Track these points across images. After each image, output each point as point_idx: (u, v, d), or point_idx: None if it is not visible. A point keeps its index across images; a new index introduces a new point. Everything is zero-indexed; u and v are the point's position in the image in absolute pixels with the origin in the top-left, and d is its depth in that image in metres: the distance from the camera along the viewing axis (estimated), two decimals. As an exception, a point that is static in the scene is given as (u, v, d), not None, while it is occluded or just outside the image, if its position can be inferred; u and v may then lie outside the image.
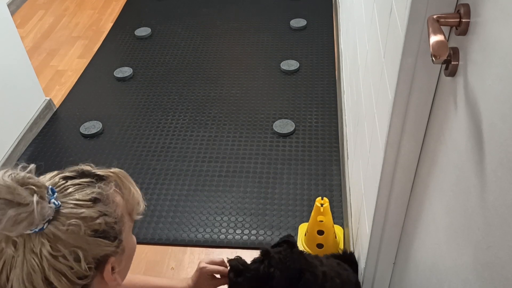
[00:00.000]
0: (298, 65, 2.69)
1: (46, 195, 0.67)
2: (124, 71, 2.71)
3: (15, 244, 0.66)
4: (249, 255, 1.78)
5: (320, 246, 1.73)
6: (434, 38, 0.80)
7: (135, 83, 2.66)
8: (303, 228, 1.84)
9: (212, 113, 2.45)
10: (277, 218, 1.90)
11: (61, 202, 0.69)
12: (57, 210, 0.67)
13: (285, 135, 2.28)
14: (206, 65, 2.76)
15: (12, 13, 3.26)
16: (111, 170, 0.79)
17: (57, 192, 0.70)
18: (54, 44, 2.99)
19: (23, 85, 2.27)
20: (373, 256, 1.32)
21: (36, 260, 0.65)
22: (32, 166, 0.69)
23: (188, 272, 1.74)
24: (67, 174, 0.74)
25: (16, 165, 0.69)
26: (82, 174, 0.74)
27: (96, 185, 0.73)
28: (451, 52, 0.87)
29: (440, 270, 0.91)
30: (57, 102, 2.55)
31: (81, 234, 0.67)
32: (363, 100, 1.59)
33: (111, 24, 3.14)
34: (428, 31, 0.82)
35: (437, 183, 0.96)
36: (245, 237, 1.84)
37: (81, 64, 2.81)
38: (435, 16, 0.84)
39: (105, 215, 0.71)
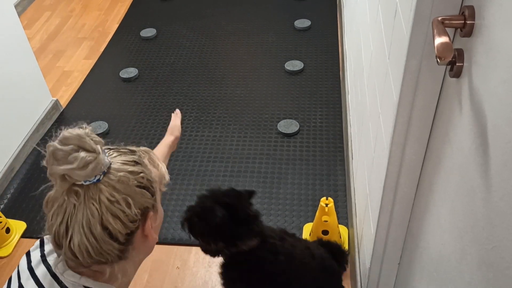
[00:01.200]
0: (303, 65, 2.69)
1: (102, 150, 0.78)
2: (130, 72, 2.72)
3: (77, 193, 0.77)
4: (254, 255, 1.78)
5: (325, 246, 1.73)
6: (439, 40, 0.81)
7: (141, 84, 2.67)
8: (307, 228, 1.85)
9: (217, 113, 2.46)
10: (282, 218, 1.91)
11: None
12: (109, 166, 0.79)
13: (289, 135, 2.29)
14: (211, 66, 2.78)
15: (19, 15, 3.28)
16: (140, 148, 0.91)
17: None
18: (60, 45, 3.01)
19: (30, 86, 2.29)
20: (378, 256, 1.33)
21: (96, 206, 0.76)
22: (91, 126, 0.80)
23: (194, 271, 1.75)
24: (107, 146, 0.85)
25: (75, 124, 0.80)
26: (118, 148, 0.86)
27: (134, 153, 0.85)
28: (456, 53, 0.88)
29: (445, 270, 0.92)
30: (63, 102, 2.56)
31: (130, 184, 0.79)
32: (367, 101, 1.59)
33: (116, 25, 3.15)
34: (433, 32, 0.83)
35: (442, 183, 0.96)
36: (250, 237, 1.84)
37: (87, 65, 2.83)
38: (439, 18, 0.85)
39: (145, 173, 0.83)
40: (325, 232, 1.70)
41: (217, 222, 1.26)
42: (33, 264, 0.88)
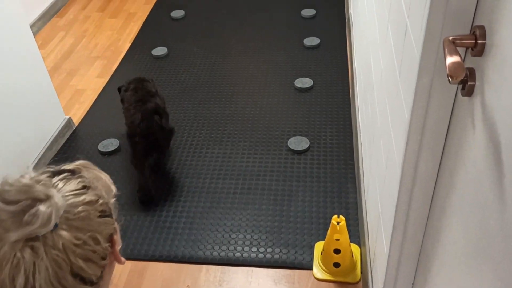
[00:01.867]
0: (312, 82, 2.71)
1: (53, 185, 0.69)
2: (141, 90, 2.75)
3: (33, 248, 0.64)
4: (265, 274, 1.78)
5: (337, 265, 1.72)
6: (451, 59, 0.81)
7: (152, 102, 2.69)
8: (319, 246, 1.83)
9: (227, 130, 2.47)
10: (293, 236, 1.90)
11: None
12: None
13: (300, 152, 2.29)
14: (221, 83, 2.80)
15: (34, 34, 3.35)
16: (76, 163, 0.81)
17: None
18: (74, 64, 3.06)
19: (44, 104, 2.33)
20: (391, 276, 1.31)
21: (62, 256, 0.65)
22: (31, 166, 0.71)
23: (204, 290, 1.74)
24: (46, 173, 0.74)
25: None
26: (57, 172, 0.75)
27: (76, 176, 0.74)
28: (468, 72, 0.88)
29: (460, 290, 0.91)
30: (76, 120, 2.60)
31: (91, 217, 0.70)
32: (378, 118, 1.60)
33: (129, 44, 3.20)
34: (444, 52, 0.83)
35: (455, 201, 0.96)
36: (260, 255, 1.84)
37: (100, 83, 2.87)
38: (450, 38, 0.86)
39: (100, 197, 0.74)
40: (337, 251, 1.69)
41: None
42: None
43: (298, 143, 2.33)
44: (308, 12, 3.33)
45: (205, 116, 2.58)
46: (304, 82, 2.71)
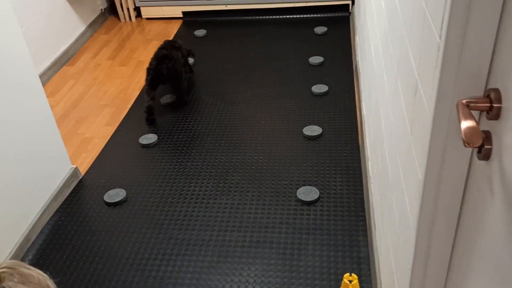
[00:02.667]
0: (321, 130, 2.68)
1: None
2: (149, 138, 2.75)
3: None
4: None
5: (349, 325, 1.63)
6: (466, 124, 0.78)
7: (159, 150, 2.68)
8: (330, 304, 1.75)
9: (235, 179, 2.43)
10: (303, 293, 1.82)
11: None
12: None
13: (309, 203, 2.24)
14: (229, 131, 2.79)
15: (45, 83, 3.40)
16: (3, 265, 0.75)
17: None
18: (82, 112, 3.08)
19: (51, 154, 2.32)
20: None
21: None
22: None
23: None
24: None
25: None
26: None
27: None
28: (484, 135, 0.84)
29: None
30: (83, 169, 2.58)
31: None
32: (389, 173, 1.55)
33: (138, 92, 3.23)
34: (458, 116, 0.80)
35: (473, 268, 0.90)
36: (269, 314, 1.76)
37: (108, 132, 2.87)
38: (464, 101, 0.82)
39: None
40: (349, 311, 1.61)
41: None
42: None
43: (308, 193, 2.28)
44: (316, 60, 3.36)
45: (213, 164, 2.55)
46: (312, 130, 2.69)
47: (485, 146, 0.84)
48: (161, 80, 2.92)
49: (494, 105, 0.80)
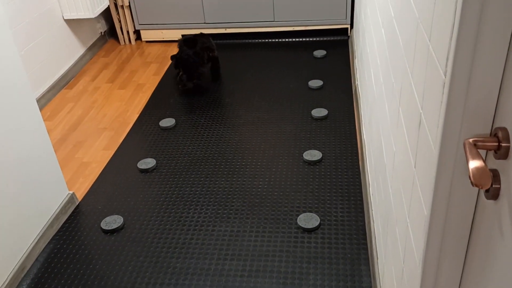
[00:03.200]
0: (321, 155, 2.66)
1: None
2: (148, 163, 2.72)
3: None
4: None
5: None
6: (474, 164, 0.76)
7: (158, 175, 2.65)
8: (332, 338, 1.70)
9: (234, 205, 2.40)
10: (304, 325, 1.77)
11: None
12: None
13: (310, 230, 2.20)
14: (229, 155, 2.76)
15: (43, 106, 3.39)
16: None
17: None
18: (81, 136, 3.06)
19: (47, 180, 2.28)
20: None
21: None
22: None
23: None
24: None
25: None
26: None
27: None
28: (491, 174, 0.82)
29: None
30: (80, 195, 2.55)
31: None
32: (392, 203, 1.52)
33: (137, 115, 3.22)
34: (466, 155, 0.78)
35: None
36: None
37: (106, 156, 2.84)
38: (471, 140, 0.80)
39: None
40: None
41: None
42: None
43: (308, 220, 2.25)
44: (315, 83, 3.36)
45: (212, 190, 2.52)
46: (313, 155, 2.66)
47: (493, 186, 0.82)
48: (182, 62, 3.39)
49: (503, 144, 0.78)
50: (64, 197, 2.40)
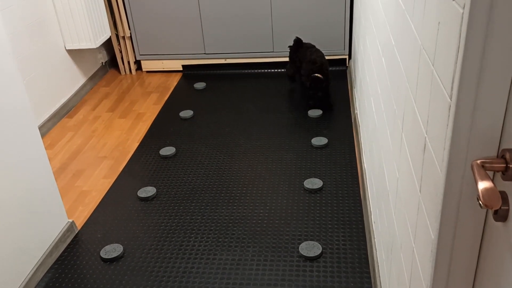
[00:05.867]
0: (322, 183, 2.66)
1: None
2: (148, 191, 2.71)
3: None
4: None
5: None
6: (483, 185, 0.76)
7: (158, 203, 2.64)
8: None
9: (235, 234, 2.38)
10: None
11: None
12: None
13: (312, 259, 2.18)
14: (229, 184, 2.76)
15: (43, 135, 3.40)
16: None
17: None
18: (80, 165, 3.06)
19: (47, 208, 2.27)
20: None
21: None
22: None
23: None
24: None
25: None
26: None
27: None
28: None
29: None
30: (79, 223, 2.52)
31: None
32: (396, 229, 1.52)
33: (137, 144, 3.22)
34: (475, 177, 0.79)
35: None
36: None
37: (106, 184, 2.83)
38: (479, 161, 0.81)
39: None
40: None
41: None
42: None
43: (310, 248, 2.23)
44: (315, 112, 3.39)
45: (212, 218, 2.50)
46: (313, 183, 2.66)
47: (502, 207, 0.83)
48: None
49: (510, 165, 0.79)
50: (63, 225, 2.38)
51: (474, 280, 0.98)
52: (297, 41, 3.67)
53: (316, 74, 3.39)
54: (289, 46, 3.73)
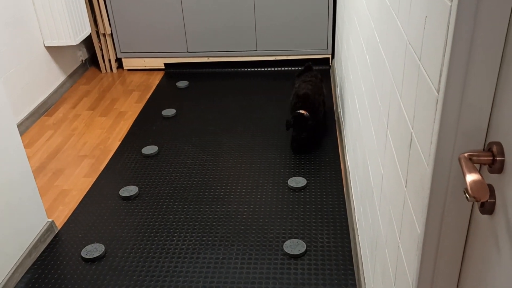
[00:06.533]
0: (306, 182, 2.66)
1: None
2: (130, 190, 2.67)
3: None
4: None
5: None
6: (471, 178, 0.76)
7: (141, 202, 2.60)
8: None
9: (219, 233, 2.36)
10: None
11: None
12: None
13: (296, 257, 2.18)
14: (213, 183, 2.74)
15: (22, 134, 3.32)
16: None
17: None
18: (60, 164, 3.00)
19: (26, 207, 2.21)
20: None
21: None
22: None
23: None
24: None
25: None
26: None
27: None
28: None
29: None
30: (59, 223, 2.47)
31: None
32: (381, 226, 1.52)
33: (118, 143, 3.18)
34: (462, 170, 0.79)
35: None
36: None
37: (87, 184, 2.78)
38: (466, 154, 0.82)
39: None
40: None
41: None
42: None
43: (294, 246, 2.22)
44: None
45: (196, 217, 2.48)
46: (297, 182, 2.66)
47: (489, 200, 0.83)
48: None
49: (497, 158, 0.79)
50: (43, 225, 2.33)
51: (459, 274, 0.99)
52: (307, 66, 3.18)
53: (300, 111, 2.81)
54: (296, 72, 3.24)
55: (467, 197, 0.77)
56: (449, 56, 0.79)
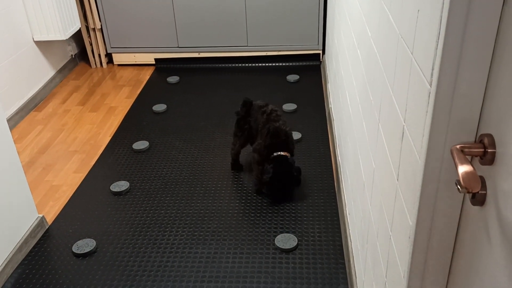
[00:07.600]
0: (297, 176, 2.67)
1: None
2: (121, 185, 2.66)
3: None
4: None
5: None
6: (463, 169, 0.78)
7: (132, 198, 2.60)
8: None
9: (211, 227, 2.36)
10: None
11: None
12: None
13: (287, 251, 2.19)
14: (204, 177, 2.74)
15: (11, 128, 3.29)
16: None
17: None
18: (50, 159, 2.97)
19: (16, 202, 2.20)
20: None
21: None
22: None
23: None
24: None
25: None
26: None
27: None
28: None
29: None
30: (50, 218, 2.45)
31: None
32: (372, 218, 1.54)
33: (109, 138, 3.16)
34: (454, 161, 0.80)
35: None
36: None
37: (77, 179, 2.77)
38: (458, 146, 0.83)
39: None
40: None
41: None
42: None
43: (286, 240, 2.23)
44: (289, 107, 3.40)
45: (187, 212, 2.47)
46: (288, 176, 2.67)
47: (480, 192, 0.84)
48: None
49: (488, 150, 0.81)
50: (33, 220, 2.31)
51: (450, 264, 1.00)
52: (246, 103, 2.58)
53: (281, 153, 2.34)
54: (236, 113, 2.65)
55: (458, 188, 0.78)
56: (442, 49, 0.80)
